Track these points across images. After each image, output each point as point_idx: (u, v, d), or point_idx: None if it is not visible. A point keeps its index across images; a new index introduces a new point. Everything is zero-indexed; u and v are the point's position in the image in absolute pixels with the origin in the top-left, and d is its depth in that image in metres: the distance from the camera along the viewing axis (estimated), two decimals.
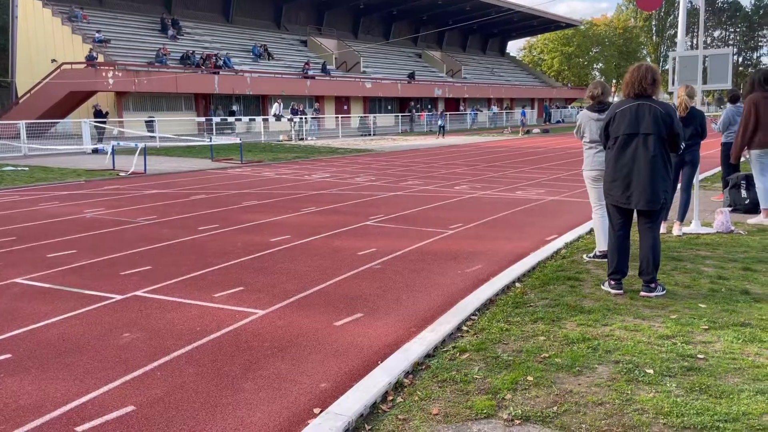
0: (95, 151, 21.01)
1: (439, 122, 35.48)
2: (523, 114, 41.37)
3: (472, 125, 47.06)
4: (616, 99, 6.12)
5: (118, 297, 5.19)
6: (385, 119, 42.17)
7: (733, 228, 7.26)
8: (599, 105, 6.00)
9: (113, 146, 16.52)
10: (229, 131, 31.62)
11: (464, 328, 4.35)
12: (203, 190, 12.33)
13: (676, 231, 7.22)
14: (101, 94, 28.51)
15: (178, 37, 36.24)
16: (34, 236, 7.75)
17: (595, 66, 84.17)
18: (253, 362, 3.86)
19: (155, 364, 3.83)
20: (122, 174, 14.93)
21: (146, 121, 28.15)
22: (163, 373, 3.69)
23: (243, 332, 4.38)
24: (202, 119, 30.95)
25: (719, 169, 12.87)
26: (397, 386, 3.45)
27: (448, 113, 44.63)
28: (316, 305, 4.97)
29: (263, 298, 5.16)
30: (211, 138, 21.26)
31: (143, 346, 4.12)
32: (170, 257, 6.61)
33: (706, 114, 8.07)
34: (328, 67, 42.14)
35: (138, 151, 15.79)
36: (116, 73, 28.04)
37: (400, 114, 42.79)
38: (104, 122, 24.55)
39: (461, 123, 47.19)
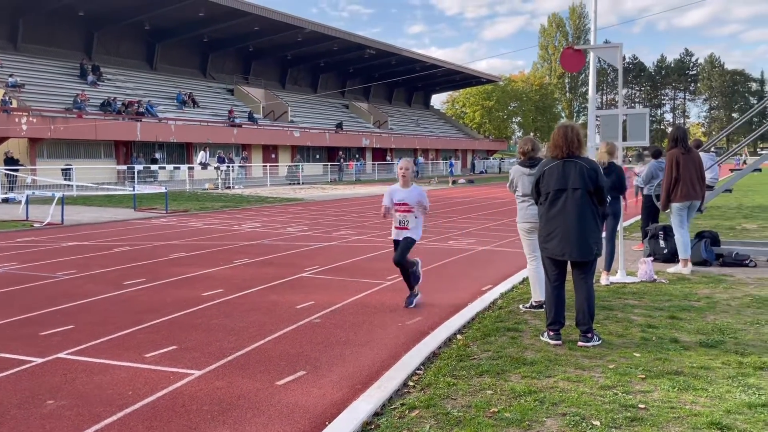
0: (5, 201, 19.83)
1: (451, 170, 37.44)
2: (451, 165, 42.56)
3: None
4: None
5: (39, 360, 4.82)
6: (313, 168, 42.27)
7: (655, 277, 7.63)
8: (530, 160, 6.25)
9: (27, 195, 15.65)
10: (152, 179, 30.73)
11: (410, 383, 4.30)
12: (127, 241, 11.83)
13: (603, 281, 7.50)
14: (13, 141, 27.16)
15: (99, 83, 35.31)
16: None
17: (514, 119, 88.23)
18: (192, 428, 3.64)
19: None
20: (37, 225, 14.12)
21: (63, 169, 26.95)
22: None
23: (179, 395, 4.14)
24: (123, 167, 29.98)
25: (637, 218, 13.59)
26: None
27: (457, 161, 45.79)
28: (255, 364, 4.79)
29: (199, 357, 4.93)
30: (134, 186, 20.56)
31: (70, 413, 3.82)
32: (94, 315, 6.24)
33: (627, 167, 8.55)
34: (255, 115, 42.07)
35: (55, 201, 15.02)
36: (30, 119, 26.88)
37: (329, 163, 43.01)
38: (16, 170, 23.30)
39: (388, 173, 47.89)
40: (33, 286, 7.66)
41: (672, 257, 8.74)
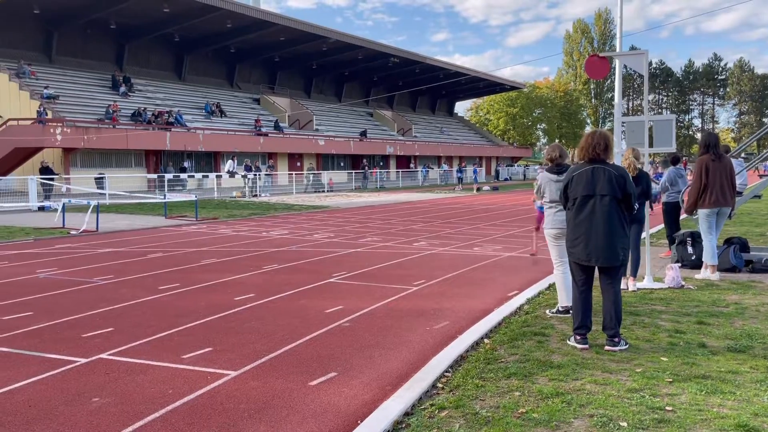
0: (42, 209, 20.42)
1: (475, 177, 39.28)
2: (475, 172, 42.59)
3: (423, 182, 47.96)
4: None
5: (83, 360, 5.04)
6: (338, 176, 42.59)
7: (683, 283, 7.62)
8: (557, 167, 6.33)
9: (64, 204, 16.10)
10: (181, 188, 31.28)
11: (439, 385, 4.41)
12: (159, 248, 12.12)
13: (630, 286, 7.52)
14: (48, 151, 27.93)
15: (130, 94, 36.11)
16: None
17: (538, 126, 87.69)
18: (230, 425, 3.80)
19: (129, 429, 3.73)
20: (73, 232, 14.54)
21: (96, 178, 27.61)
22: None
23: (217, 394, 4.31)
24: (154, 176, 30.57)
25: (662, 226, 13.47)
26: None
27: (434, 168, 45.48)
28: (288, 365, 4.94)
29: (234, 358, 5.10)
30: (164, 194, 20.99)
31: (115, 410, 4.01)
32: (132, 318, 6.46)
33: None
34: (281, 124, 42.59)
35: (90, 209, 15.44)
36: (65, 129, 27.61)
37: (353, 171, 43.31)
38: (52, 179, 23.95)
39: (412, 180, 48.05)
40: (73, 290, 7.94)
41: (700, 263, 8.68)
